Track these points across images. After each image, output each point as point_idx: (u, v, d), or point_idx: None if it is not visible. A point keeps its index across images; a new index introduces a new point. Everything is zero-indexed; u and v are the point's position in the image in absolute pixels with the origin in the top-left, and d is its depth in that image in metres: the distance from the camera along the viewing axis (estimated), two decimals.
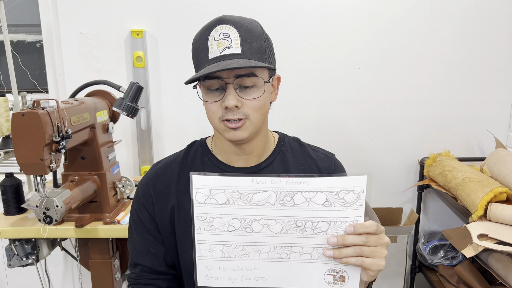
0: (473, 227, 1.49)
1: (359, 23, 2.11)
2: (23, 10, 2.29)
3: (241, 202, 0.84)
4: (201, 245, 0.87)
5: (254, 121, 0.95)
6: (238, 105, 0.92)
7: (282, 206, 0.84)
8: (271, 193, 0.84)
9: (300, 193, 0.83)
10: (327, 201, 0.83)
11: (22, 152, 1.35)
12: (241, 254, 0.87)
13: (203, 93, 0.96)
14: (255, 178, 0.83)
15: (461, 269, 1.87)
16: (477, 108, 2.21)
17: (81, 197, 1.57)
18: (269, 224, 0.85)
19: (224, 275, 0.89)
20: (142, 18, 2.10)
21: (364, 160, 2.26)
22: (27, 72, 2.31)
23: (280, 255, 0.87)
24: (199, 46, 0.95)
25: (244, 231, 0.86)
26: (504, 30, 2.11)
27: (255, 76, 0.93)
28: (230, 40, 0.91)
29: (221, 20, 0.93)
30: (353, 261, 0.83)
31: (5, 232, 1.62)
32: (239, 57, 0.91)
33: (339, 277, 0.87)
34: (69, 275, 2.42)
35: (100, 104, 1.73)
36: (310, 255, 0.87)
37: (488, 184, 1.64)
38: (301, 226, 0.85)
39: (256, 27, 0.95)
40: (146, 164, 2.22)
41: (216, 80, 0.92)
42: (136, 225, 1.08)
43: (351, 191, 0.83)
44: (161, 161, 1.11)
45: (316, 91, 2.18)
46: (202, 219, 0.86)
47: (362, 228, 0.83)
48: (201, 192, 0.84)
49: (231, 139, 0.96)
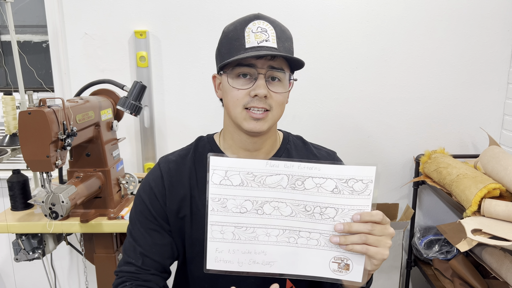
0: (467, 222, 1.49)
1: (356, 24, 2.10)
2: (30, 11, 2.28)
3: (255, 184, 0.86)
4: (214, 226, 0.88)
5: (275, 115, 0.97)
6: (267, 95, 0.94)
7: (293, 190, 0.85)
8: (283, 176, 0.85)
9: (311, 178, 0.84)
10: (336, 188, 0.84)
11: (29, 149, 1.35)
12: (251, 237, 0.88)
13: (232, 79, 0.96)
14: (269, 161, 0.85)
15: (456, 263, 1.87)
16: (471, 107, 2.20)
17: (86, 193, 1.57)
18: (280, 206, 0.87)
19: (233, 258, 0.89)
20: (145, 19, 2.10)
21: (361, 157, 2.25)
22: (33, 72, 2.30)
23: (288, 239, 0.88)
24: (233, 35, 0.95)
25: (255, 213, 0.87)
26: (497, 30, 2.11)
27: (284, 72, 0.95)
28: (268, 35, 0.93)
29: (258, 16, 0.95)
30: (358, 249, 0.84)
31: (12, 227, 1.62)
32: (275, 50, 0.92)
33: (344, 265, 0.87)
34: (74, 269, 2.42)
35: (104, 102, 1.73)
36: (317, 241, 0.87)
37: (481, 180, 1.64)
38: (310, 210, 0.86)
39: (287, 31, 0.99)
40: (149, 161, 2.22)
41: (249, 67, 0.93)
42: (142, 216, 1.04)
43: (360, 181, 0.83)
44: (171, 156, 1.09)
45: (315, 90, 2.18)
46: (216, 200, 0.87)
47: (369, 216, 0.83)
48: (217, 173, 0.86)
49: (251, 129, 0.96)
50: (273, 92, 0.95)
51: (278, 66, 0.94)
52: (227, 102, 0.98)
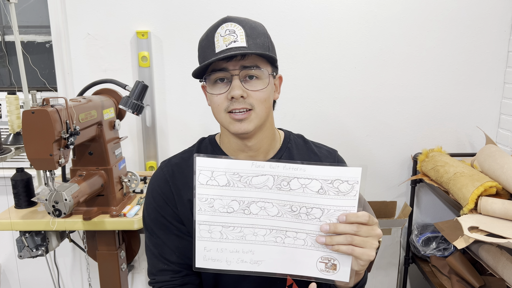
0: (464, 220, 1.49)
1: (355, 24, 2.10)
2: (33, 12, 2.28)
3: (241, 184, 0.85)
4: (201, 225, 0.88)
5: (259, 113, 0.95)
6: (243, 95, 0.92)
7: (279, 190, 0.85)
8: (269, 177, 0.84)
9: (296, 179, 0.84)
10: (322, 188, 0.83)
11: (32, 148, 1.34)
12: (239, 236, 0.88)
13: (209, 87, 0.95)
14: (254, 162, 0.84)
15: (453, 260, 1.87)
16: (468, 106, 2.20)
17: (88, 191, 1.57)
18: (266, 206, 0.86)
19: (221, 256, 0.89)
20: (147, 19, 2.09)
21: (360, 155, 2.25)
22: (37, 72, 2.30)
23: (275, 238, 0.88)
24: (205, 44, 0.94)
25: (242, 213, 0.87)
26: (493, 31, 2.11)
27: (259, 68, 0.93)
28: (236, 35, 0.91)
29: (226, 19, 0.94)
30: (344, 249, 0.83)
31: (16, 224, 1.62)
32: (244, 49, 0.91)
33: (331, 265, 0.87)
34: (77, 266, 2.42)
35: (107, 102, 1.72)
36: (304, 241, 0.87)
37: (478, 178, 1.63)
38: (296, 211, 0.85)
39: (259, 26, 0.96)
40: (151, 160, 2.22)
41: (222, 72, 0.92)
42: (156, 223, 1.02)
43: (346, 181, 0.83)
44: (173, 159, 1.08)
45: (314, 90, 2.18)
46: (203, 200, 0.87)
47: (354, 217, 0.82)
48: (204, 173, 0.86)
49: (236, 131, 0.95)
50: (251, 90, 0.93)
51: (251, 64, 0.92)
52: (212, 110, 0.98)
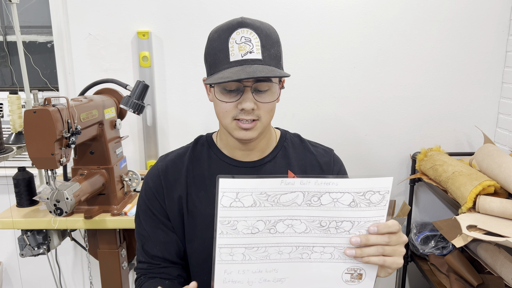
0: (463, 219, 1.49)
1: (354, 25, 2.10)
2: (35, 12, 2.28)
3: (268, 203, 0.80)
4: (222, 249, 0.82)
5: (264, 122, 0.95)
6: (254, 108, 0.92)
7: (309, 207, 0.80)
8: (298, 193, 0.80)
9: (328, 194, 0.80)
10: (353, 201, 0.80)
11: (34, 147, 1.35)
12: (263, 256, 0.83)
13: (218, 92, 0.94)
14: (284, 179, 0.79)
15: (451, 258, 1.87)
16: (466, 105, 2.20)
17: (90, 190, 1.57)
18: (294, 224, 0.82)
19: (243, 278, 0.84)
20: (147, 20, 2.09)
21: (359, 155, 2.25)
22: (38, 71, 2.30)
23: (301, 255, 0.84)
24: (217, 45, 0.93)
25: (268, 232, 0.82)
26: (491, 31, 2.10)
27: (271, 82, 0.93)
28: (252, 45, 0.90)
29: (242, 23, 0.92)
30: (375, 260, 0.81)
31: (17, 223, 1.62)
32: (260, 62, 0.90)
33: (357, 275, 0.85)
34: (78, 264, 2.42)
35: (108, 101, 1.72)
36: (331, 254, 0.84)
37: (476, 177, 1.63)
38: (325, 226, 0.82)
39: (273, 33, 0.96)
40: (152, 159, 2.22)
41: (235, 82, 0.91)
42: (145, 215, 1.06)
43: (377, 192, 0.80)
44: (170, 154, 1.09)
45: (314, 90, 2.18)
46: (225, 223, 0.80)
47: (386, 228, 0.81)
48: (228, 195, 0.79)
49: (241, 138, 0.96)
50: (261, 103, 0.93)
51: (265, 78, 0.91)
52: (217, 112, 0.97)
